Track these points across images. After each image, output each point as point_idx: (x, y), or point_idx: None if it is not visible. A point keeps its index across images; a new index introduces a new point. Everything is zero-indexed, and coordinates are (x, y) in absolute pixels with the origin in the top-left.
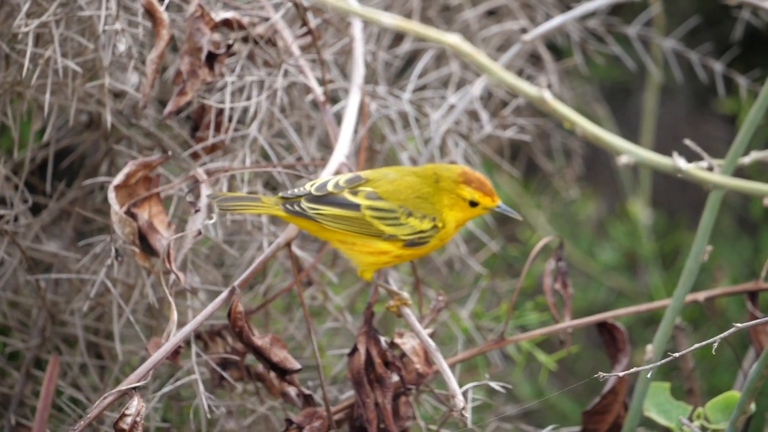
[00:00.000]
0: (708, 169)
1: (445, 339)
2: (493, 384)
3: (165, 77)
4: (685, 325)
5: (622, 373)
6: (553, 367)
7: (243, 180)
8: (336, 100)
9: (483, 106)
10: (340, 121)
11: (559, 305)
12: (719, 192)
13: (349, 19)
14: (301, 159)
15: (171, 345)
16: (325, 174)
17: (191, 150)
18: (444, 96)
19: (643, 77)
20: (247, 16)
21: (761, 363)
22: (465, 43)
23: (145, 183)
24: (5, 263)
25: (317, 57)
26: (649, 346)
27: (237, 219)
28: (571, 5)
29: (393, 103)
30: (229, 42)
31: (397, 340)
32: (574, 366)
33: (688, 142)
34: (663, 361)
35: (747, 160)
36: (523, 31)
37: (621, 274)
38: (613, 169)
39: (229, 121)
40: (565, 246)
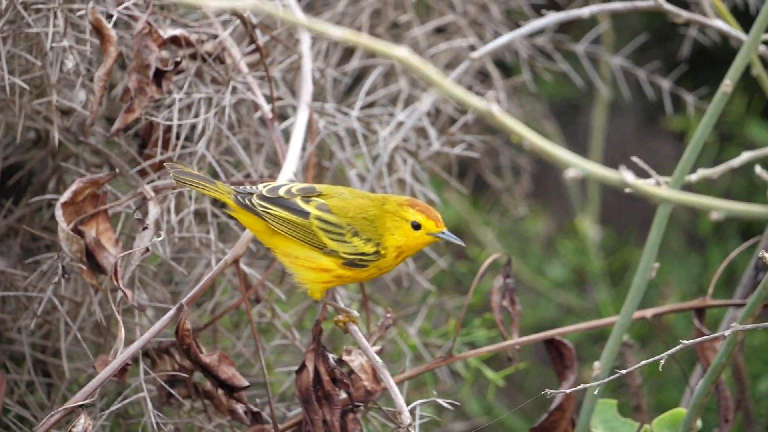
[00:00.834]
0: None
1: (393, 356)
2: (441, 401)
3: (113, 94)
4: (633, 341)
5: (569, 390)
6: (502, 383)
7: (191, 197)
8: (284, 117)
9: (431, 123)
10: (288, 138)
11: (507, 322)
12: (667, 208)
13: (297, 35)
14: (249, 176)
15: (118, 362)
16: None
17: (139, 167)
18: (392, 113)
19: (591, 94)
20: (195, 33)
21: (707, 380)
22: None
23: (92, 200)
24: None
25: (265, 74)
26: (596, 363)
27: (185, 236)
28: (520, 23)
29: (341, 120)
30: (177, 59)
31: (345, 357)
32: (523, 383)
33: (636, 159)
34: (610, 378)
35: (694, 177)
36: (472, 48)
37: (570, 290)
38: (562, 186)
39: (177, 138)
40: (514, 263)
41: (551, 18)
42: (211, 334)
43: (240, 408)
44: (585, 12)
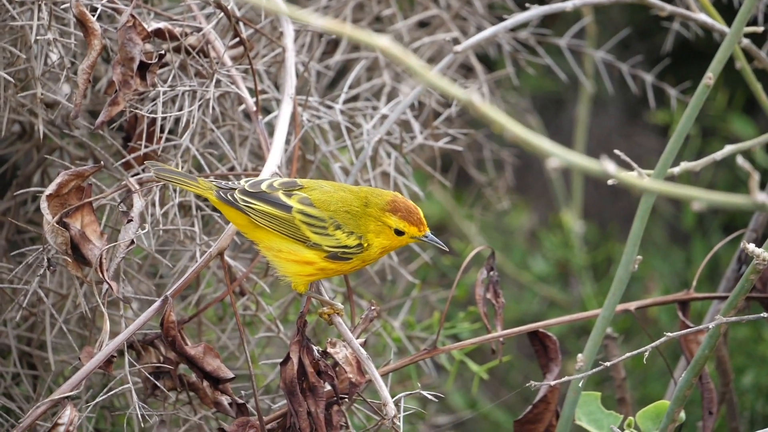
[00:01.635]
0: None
1: (377, 348)
2: (425, 393)
3: (97, 88)
4: (617, 334)
5: (553, 382)
6: (486, 376)
7: (175, 190)
8: (268, 110)
9: (414, 117)
10: (272, 132)
11: (490, 315)
12: (649, 199)
13: (280, 29)
14: (233, 169)
15: (104, 354)
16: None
17: (124, 160)
18: (376, 106)
19: (575, 88)
20: (179, 26)
21: (690, 371)
22: (395, 45)
23: (77, 193)
24: None
25: (249, 67)
26: (580, 355)
27: (169, 229)
28: (503, 17)
29: (325, 113)
30: (161, 52)
31: (330, 350)
32: (506, 377)
33: (618, 152)
34: (594, 370)
35: (677, 170)
36: (455, 42)
37: (553, 284)
38: (545, 180)
39: (162, 131)
40: (498, 257)
41: (534, 11)
42: (196, 326)
43: (225, 400)
44: (568, 5)
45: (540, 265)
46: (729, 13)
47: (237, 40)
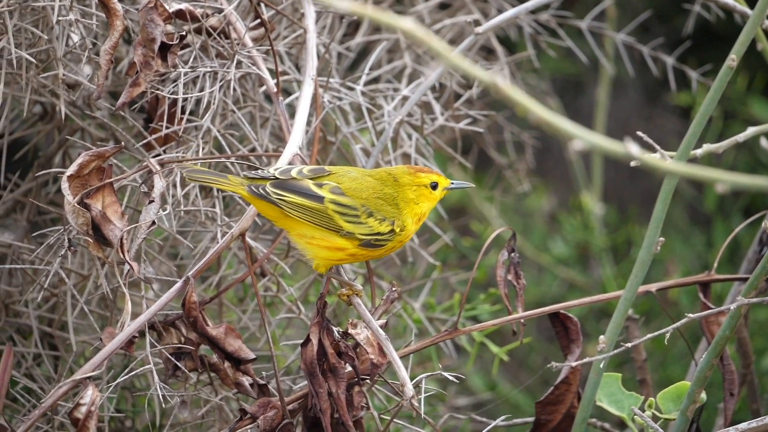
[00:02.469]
0: None
1: (399, 330)
2: (446, 374)
3: (118, 69)
4: (638, 316)
5: (575, 363)
6: (506, 358)
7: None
8: (289, 92)
9: (435, 98)
10: (293, 113)
11: (512, 296)
12: (672, 181)
13: (301, 10)
14: (254, 150)
15: (126, 335)
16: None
17: (145, 141)
18: (397, 88)
19: (595, 71)
20: (201, 7)
21: (711, 352)
22: (419, 27)
23: (98, 173)
24: None
25: (270, 49)
26: (601, 337)
27: (190, 210)
28: None
29: (346, 94)
30: (182, 33)
31: (351, 330)
32: (527, 359)
33: (641, 134)
34: (616, 351)
35: (699, 152)
36: (476, 23)
37: (573, 266)
38: (565, 162)
39: (183, 112)
40: (518, 239)
41: None
42: (217, 308)
43: (246, 381)
44: None
45: (560, 248)
46: None
47: (258, 21)
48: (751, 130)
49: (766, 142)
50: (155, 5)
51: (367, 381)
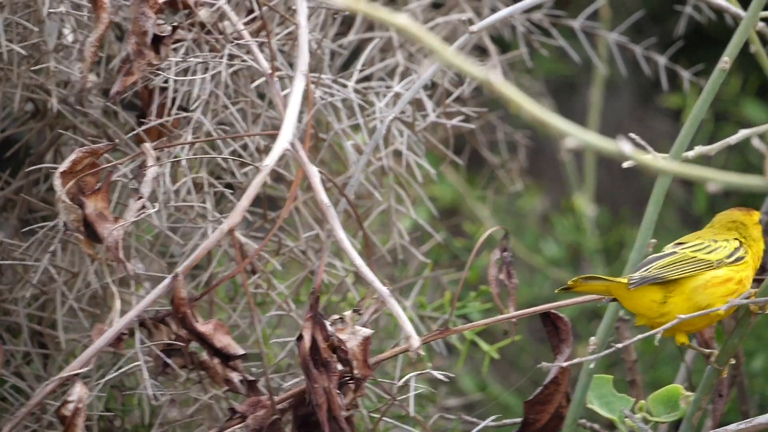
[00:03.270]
0: None
1: (390, 329)
2: (435, 373)
3: (111, 66)
4: (628, 317)
5: (564, 363)
6: (496, 355)
7: (189, 167)
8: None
9: (428, 96)
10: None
11: (503, 296)
12: (664, 183)
13: (294, 6)
14: (246, 147)
15: (114, 331)
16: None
17: (135, 132)
18: (389, 86)
19: (588, 72)
20: None
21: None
22: (413, 23)
23: (91, 170)
24: None
25: (264, 41)
26: (592, 339)
27: (181, 206)
28: None
29: (338, 90)
30: (174, 24)
31: (340, 335)
32: (517, 359)
33: (633, 136)
34: (606, 351)
35: (691, 154)
36: (470, 22)
37: (565, 268)
38: (558, 163)
39: (173, 104)
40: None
41: None
42: (207, 305)
43: (236, 377)
44: None
45: (552, 249)
46: None
47: (251, 17)
48: (742, 133)
49: (759, 142)
50: None
51: (359, 380)
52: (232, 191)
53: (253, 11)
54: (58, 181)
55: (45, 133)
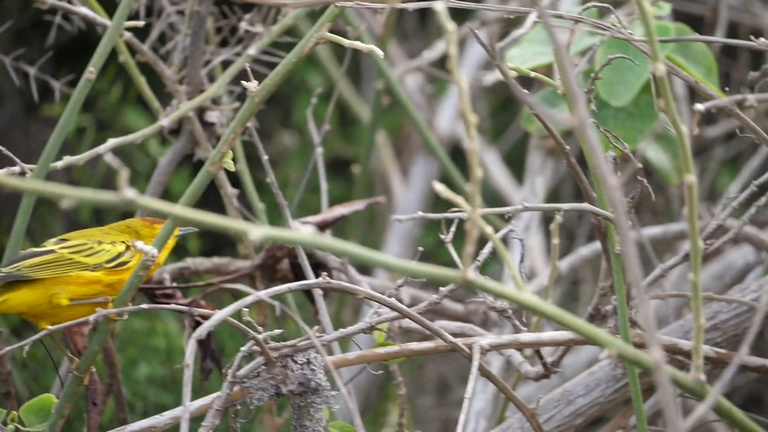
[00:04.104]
0: (21, 174)
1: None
2: None
3: None
4: (3, 329)
5: None
6: None
7: None
8: None
9: None
10: None
11: None
12: (31, 198)
13: None
14: None
15: None
16: None
17: None
18: None
19: None
20: None
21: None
22: None
23: None
24: None
25: None
26: None
27: None
28: None
29: None
30: None
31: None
32: None
33: (2, 148)
34: None
35: (60, 164)
36: None
37: None
38: None
39: None
40: None
41: None
42: None
43: None
44: None
45: None
46: (114, 7)
47: None
48: (111, 142)
49: (111, 157)
50: None
51: None
52: None
53: None
54: None
55: None
